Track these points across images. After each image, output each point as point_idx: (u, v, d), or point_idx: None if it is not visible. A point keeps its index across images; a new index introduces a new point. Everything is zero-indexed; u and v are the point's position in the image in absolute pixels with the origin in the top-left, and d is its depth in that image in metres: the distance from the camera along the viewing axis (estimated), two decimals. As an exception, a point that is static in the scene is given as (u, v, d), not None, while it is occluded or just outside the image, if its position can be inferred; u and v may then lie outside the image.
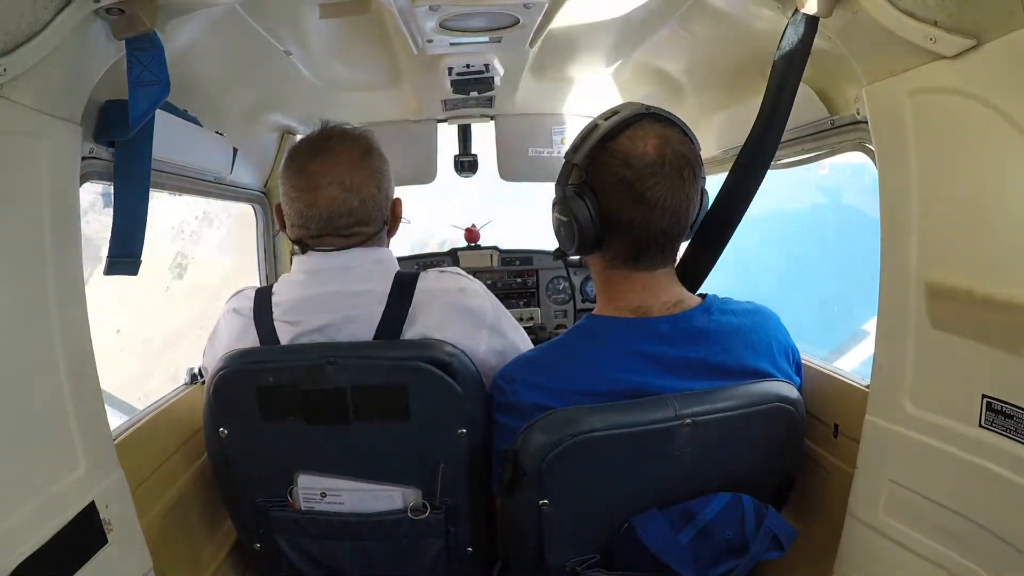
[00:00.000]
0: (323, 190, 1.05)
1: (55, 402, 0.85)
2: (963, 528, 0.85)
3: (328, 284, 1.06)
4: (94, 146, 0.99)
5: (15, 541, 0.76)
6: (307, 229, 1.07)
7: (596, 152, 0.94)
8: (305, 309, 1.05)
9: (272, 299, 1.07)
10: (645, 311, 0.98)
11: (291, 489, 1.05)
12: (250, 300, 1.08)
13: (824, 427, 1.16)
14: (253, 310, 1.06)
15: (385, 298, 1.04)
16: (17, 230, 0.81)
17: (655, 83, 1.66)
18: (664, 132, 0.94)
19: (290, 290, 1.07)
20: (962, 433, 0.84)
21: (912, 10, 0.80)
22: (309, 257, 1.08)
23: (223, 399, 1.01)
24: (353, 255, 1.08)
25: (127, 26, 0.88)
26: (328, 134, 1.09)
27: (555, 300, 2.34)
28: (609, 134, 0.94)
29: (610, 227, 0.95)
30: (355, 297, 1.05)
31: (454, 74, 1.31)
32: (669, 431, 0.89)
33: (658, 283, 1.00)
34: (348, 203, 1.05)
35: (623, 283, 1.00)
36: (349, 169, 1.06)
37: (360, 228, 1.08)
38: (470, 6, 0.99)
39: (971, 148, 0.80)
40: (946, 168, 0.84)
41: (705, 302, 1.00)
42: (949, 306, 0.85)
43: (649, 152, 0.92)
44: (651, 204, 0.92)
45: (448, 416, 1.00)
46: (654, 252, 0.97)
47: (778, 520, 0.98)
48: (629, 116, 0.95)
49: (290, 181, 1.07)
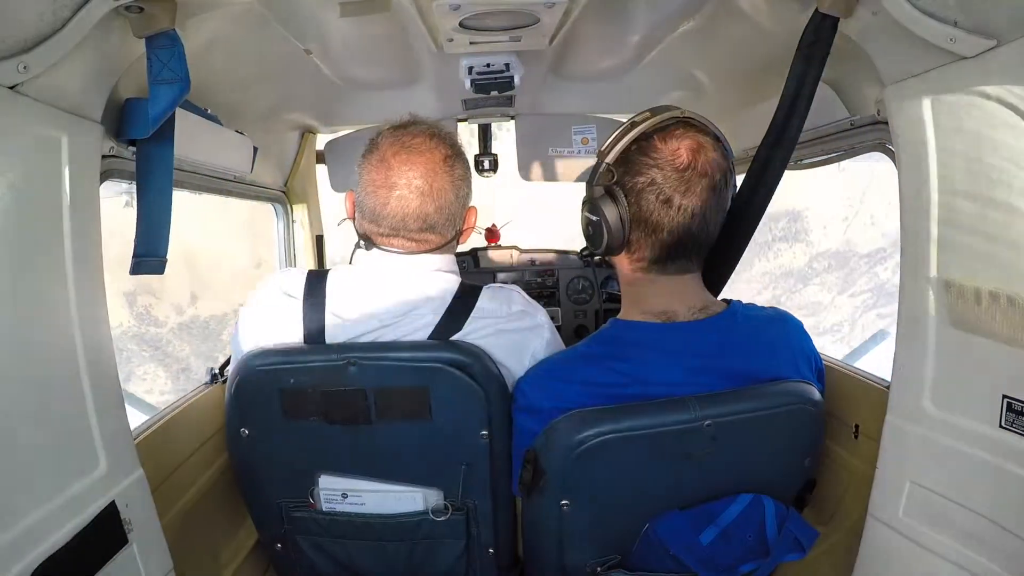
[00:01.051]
0: (400, 190, 1.02)
1: (75, 401, 0.85)
2: (985, 529, 0.85)
3: (389, 287, 1.03)
4: (114, 144, 0.99)
5: (37, 541, 0.76)
6: (377, 226, 1.04)
7: (630, 152, 0.94)
8: (360, 308, 1.02)
9: (326, 288, 1.04)
10: (671, 316, 0.98)
11: (312, 490, 1.05)
12: (300, 283, 1.05)
13: (844, 427, 1.16)
14: (304, 296, 1.03)
15: (443, 309, 1.02)
16: (37, 228, 0.80)
17: (676, 82, 1.65)
18: (699, 138, 0.93)
19: (347, 284, 1.05)
20: (983, 433, 0.84)
21: (932, 10, 0.80)
22: (374, 255, 1.06)
23: (245, 400, 1.01)
24: (419, 261, 1.05)
25: (147, 24, 0.87)
26: (415, 131, 1.05)
27: (575, 300, 2.33)
28: (643, 135, 0.94)
29: (639, 229, 0.95)
30: (413, 305, 1.02)
31: (474, 73, 1.30)
32: (690, 432, 0.89)
33: (685, 288, 0.99)
34: (423, 208, 1.02)
35: (650, 287, 1.00)
36: (430, 172, 1.02)
37: (431, 235, 1.05)
38: (491, 5, 0.99)
39: (991, 149, 0.79)
40: (967, 168, 0.84)
41: (730, 308, 1.00)
42: (969, 306, 0.85)
43: (683, 156, 0.91)
44: (682, 208, 0.92)
45: (470, 417, 0.99)
46: (682, 256, 0.96)
47: (799, 522, 0.98)
48: (665, 119, 0.94)
49: (368, 174, 1.04)
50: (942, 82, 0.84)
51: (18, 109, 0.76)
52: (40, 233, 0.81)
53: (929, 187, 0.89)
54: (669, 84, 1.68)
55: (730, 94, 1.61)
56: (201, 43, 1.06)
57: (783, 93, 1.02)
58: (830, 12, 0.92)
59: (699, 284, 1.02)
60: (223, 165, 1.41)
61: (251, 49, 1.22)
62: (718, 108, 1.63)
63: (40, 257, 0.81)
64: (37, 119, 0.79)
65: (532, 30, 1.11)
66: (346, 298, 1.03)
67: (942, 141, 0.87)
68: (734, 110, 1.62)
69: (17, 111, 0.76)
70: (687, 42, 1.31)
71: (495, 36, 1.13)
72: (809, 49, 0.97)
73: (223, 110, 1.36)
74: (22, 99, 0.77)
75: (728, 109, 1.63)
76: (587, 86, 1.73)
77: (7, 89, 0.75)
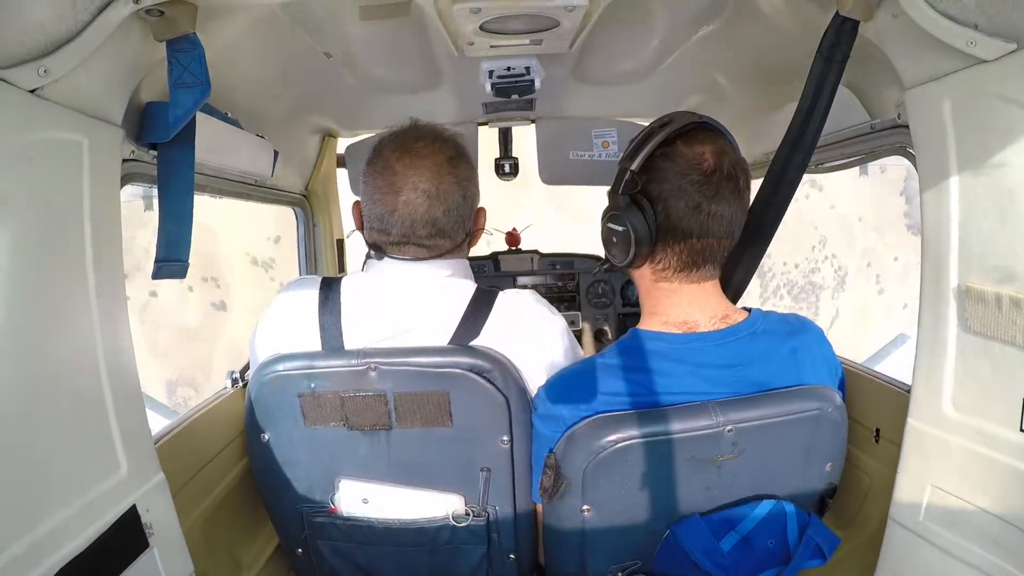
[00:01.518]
0: (406, 195, 1.00)
1: (96, 405, 0.85)
2: (1006, 533, 0.84)
3: (403, 294, 1.03)
4: (135, 148, 0.99)
5: (58, 544, 0.76)
6: (386, 235, 1.03)
7: (654, 159, 0.93)
8: (375, 315, 1.01)
9: (340, 296, 1.03)
10: (692, 326, 0.97)
11: (333, 495, 1.05)
12: (314, 292, 1.04)
13: (865, 431, 1.16)
14: (319, 304, 1.02)
15: (459, 316, 1.01)
16: (58, 231, 0.80)
17: (696, 86, 1.66)
18: (719, 142, 0.93)
19: (361, 291, 1.03)
20: (1003, 437, 0.84)
21: (952, 13, 0.80)
22: (385, 264, 1.05)
23: (264, 405, 1.01)
24: (432, 267, 1.04)
25: (167, 28, 0.87)
26: (416, 134, 1.04)
27: (596, 304, 2.34)
28: (666, 141, 0.93)
29: (667, 236, 0.94)
30: (430, 311, 1.02)
31: (495, 77, 1.30)
32: (711, 438, 0.89)
33: (706, 296, 0.98)
34: (431, 212, 1.01)
35: (671, 296, 0.98)
36: (435, 175, 1.01)
37: (441, 240, 1.04)
38: (511, 8, 0.99)
39: (1012, 152, 0.79)
40: (987, 172, 0.84)
41: (751, 317, 0.99)
42: (990, 311, 0.85)
43: (708, 160, 0.91)
44: (711, 213, 0.91)
45: (491, 424, 0.99)
46: (708, 262, 0.96)
47: (821, 528, 0.98)
48: (685, 124, 0.94)
49: (373, 181, 1.03)
50: (962, 85, 0.84)
51: (39, 113, 0.77)
52: (61, 237, 0.81)
53: (950, 191, 0.89)
54: (689, 88, 1.68)
55: (750, 98, 1.60)
56: (221, 47, 1.06)
57: (803, 96, 1.02)
58: (850, 15, 0.92)
59: (719, 291, 1.01)
60: (244, 169, 1.40)
61: (271, 53, 1.22)
62: (738, 112, 1.63)
63: (61, 260, 0.81)
64: (58, 123, 0.79)
65: (552, 33, 1.11)
66: (361, 306, 1.02)
67: (963, 144, 0.87)
68: (754, 114, 1.62)
69: (38, 115, 0.76)
70: (707, 46, 1.30)
71: (516, 39, 1.13)
72: (829, 52, 0.97)
73: (243, 114, 1.36)
74: (43, 103, 0.77)
75: (748, 113, 1.63)
76: (607, 90, 1.73)
77: (28, 93, 0.75)
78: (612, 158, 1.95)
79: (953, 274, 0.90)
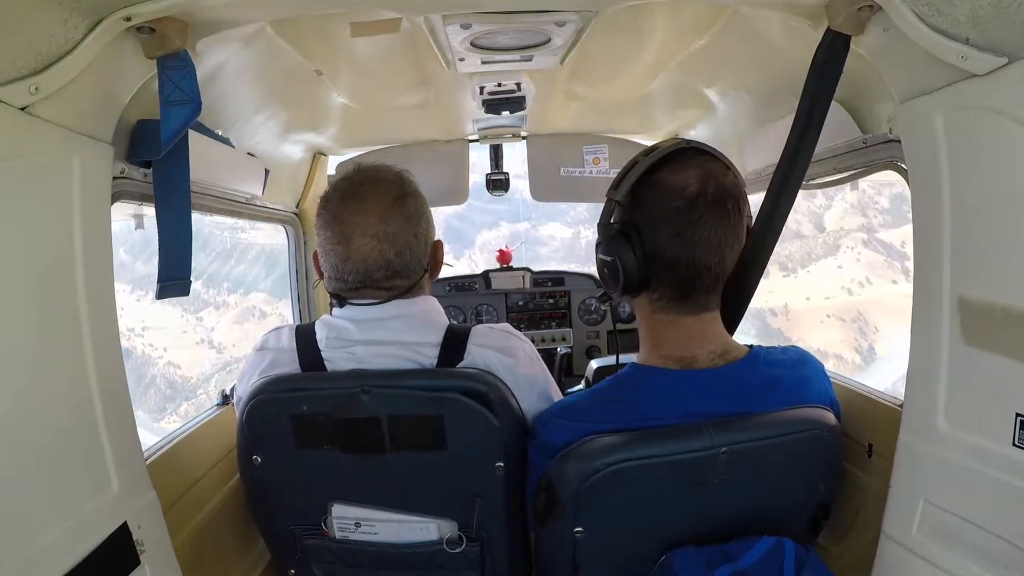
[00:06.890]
0: (356, 241, 1.00)
1: (87, 422, 0.85)
2: (1000, 549, 0.84)
3: (377, 333, 1.02)
4: (126, 166, 0.99)
5: (50, 562, 0.75)
6: (344, 283, 1.03)
7: (638, 187, 0.93)
8: (349, 358, 1.01)
9: (316, 337, 1.03)
10: (690, 362, 0.96)
11: (325, 518, 1.04)
12: (291, 337, 1.05)
13: (858, 447, 1.16)
14: (297, 347, 1.03)
15: (437, 350, 1.01)
16: (48, 249, 0.80)
17: (688, 102, 1.65)
18: (706, 165, 0.92)
19: (337, 333, 1.04)
20: (997, 452, 0.84)
21: (944, 28, 0.80)
22: (348, 310, 1.04)
23: (256, 426, 1.00)
24: (397, 306, 1.04)
25: (158, 45, 0.87)
26: (359, 179, 1.04)
27: (587, 321, 2.35)
28: (650, 169, 0.92)
29: (655, 266, 0.93)
30: (406, 347, 1.01)
31: (485, 93, 1.30)
32: (706, 460, 0.88)
33: (704, 330, 0.97)
34: (384, 255, 1.01)
35: (669, 329, 0.98)
36: (382, 217, 1.01)
37: (398, 281, 1.04)
38: (502, 24, 0.99)
39: (1004, 166, 0.79)
40: (979, 186, 0.84)
41: (751, 354, 0.98)
42: (982, 323, 0.85)
43: (692, 185, 0.90)
44: (696, 240, 0.91)
45: (485, 448, 0.98)
46: (700, 292, 0.94)
47: (818, 566, 0.95)
48: (670, 150, 0.93)
49: (324, 232, 1.03)
50: (954, 99, 0.84)
51: (30, 130, 0.76)
52: (52, 254, 0.81)
53: (942, 204, 0.89)
54: (680, 103, 1.67)
55: (741, 114, 1.60)
56: (212, 65, 1.06)
57: (797, 112, 1.01)
58: (842, 30, 0.92)
59: (718, 323, 0.99)
60: (235, 187, 1.40)
61: (262, 71, 1.22)
62: (730, 128, 1.63)
63: (52, 278, 0.81)
64: (49, 140, 0.79)
65: (543, 49, 1.11)
66: (335, 345, 1.03)
67: (954, 158, 0.86)
68: (746, 130, 1.62)
69: (29, 132, 0.76)
70: (698, 61, 1.31)
71: (506, 56, 1.13)
72: (822, 68, 0.96)
73: (234, 132, 1.36)
74: (34, 120, 0.77)
75: (740, 129, 1.63)
76: (599, 105, 1.73)
77: (18, 110, 0.75)
78: (603, 174, 1.96)
79: (946, 288, 0.90)
